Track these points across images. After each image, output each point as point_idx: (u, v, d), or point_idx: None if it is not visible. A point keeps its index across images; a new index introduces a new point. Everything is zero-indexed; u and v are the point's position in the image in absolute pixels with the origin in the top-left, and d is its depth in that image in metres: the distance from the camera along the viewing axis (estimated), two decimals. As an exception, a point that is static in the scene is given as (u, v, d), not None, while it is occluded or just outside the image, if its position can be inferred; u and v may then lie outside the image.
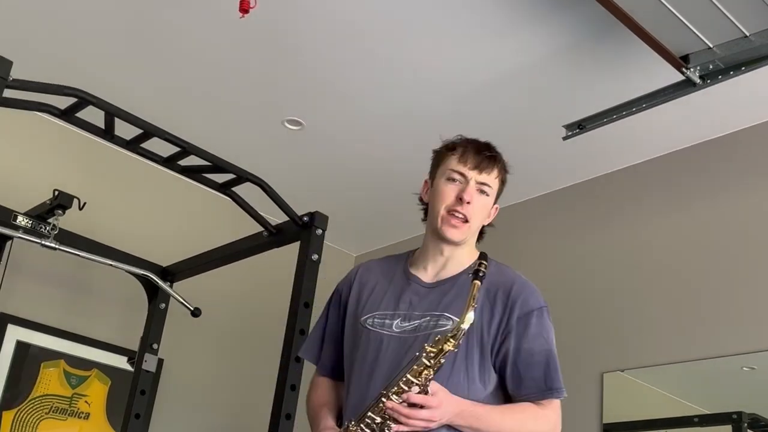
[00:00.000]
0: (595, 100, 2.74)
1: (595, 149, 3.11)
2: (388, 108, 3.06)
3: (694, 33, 2.26)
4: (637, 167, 3.17)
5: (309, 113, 3.16)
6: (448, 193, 1.78)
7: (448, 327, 1.65)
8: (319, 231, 2.41)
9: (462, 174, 1.78)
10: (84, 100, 2.10)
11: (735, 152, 2.88)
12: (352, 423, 1.63)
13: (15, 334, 3.09)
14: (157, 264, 2.97)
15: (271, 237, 2.56)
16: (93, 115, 2.21)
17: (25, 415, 3.06)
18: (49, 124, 3.23)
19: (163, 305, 2.95)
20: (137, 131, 2.28)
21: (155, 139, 2.27)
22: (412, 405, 1.55)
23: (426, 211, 1.87)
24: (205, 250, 2.89)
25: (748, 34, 2.25)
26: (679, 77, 2.47)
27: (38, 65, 2.83)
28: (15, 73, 1.92)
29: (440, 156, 1.85)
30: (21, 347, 3.10)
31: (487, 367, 1.70)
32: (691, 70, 2.41)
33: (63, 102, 2.13)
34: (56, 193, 2.61)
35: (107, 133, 2.28)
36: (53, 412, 3.14)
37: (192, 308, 2.85)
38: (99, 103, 2.12)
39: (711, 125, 2.90)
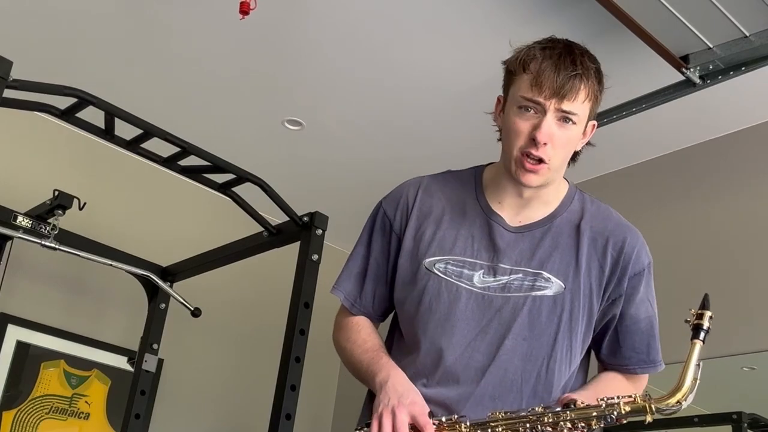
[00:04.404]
0: (595, 100, 2.74)
1: (594, 150, 3.10)
2: (388, 108, 3.06)
3: (694, 33, 2.26)
4: (636, 167, 3.17)
5: (309, 113, 3.16)
6: (520, 128, 1.39)
7: (548, 292, 1.41)
8: (319, 231, 2.41)
9: (537, 103, 1.37)
10: (84, 100, 2.09)
11: (735, 152, 2.88)
12: (466, 425, 1.33)
13: (15, 334, 3.09)
14: (157, 264, 2.97)
15: (271, 237, 2.56)
16: (93, 115, 2.21)
17: (25, 415, 3.06)
18: (49, 124, 3.22)
19: (163, 305, 2.94)
20: (137, 131, 2.28)
21: (155, 139, 2.27)
22: None
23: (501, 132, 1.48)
24: (205, 250, 2.89)
25: (748, 34, 2.26)
26: (679, 77, 2.48)
27: (38, 65, 2.83)
28: (15, 73, 1.91)
29: (510, 74, 1.44)
30: (21, 347, 3.10)
31: (589, 335, 1.46)
32: (691, 70, 2.41)
33: (63, 102, 2.13)
34: (56, 193, 2.60)
35: (107, 133, 2.27)
36: (53, 412, 3.14)
37: (192, 308, 2.85)
38: (99, 103, 2.12)
39: (711, 125, 2.90)
